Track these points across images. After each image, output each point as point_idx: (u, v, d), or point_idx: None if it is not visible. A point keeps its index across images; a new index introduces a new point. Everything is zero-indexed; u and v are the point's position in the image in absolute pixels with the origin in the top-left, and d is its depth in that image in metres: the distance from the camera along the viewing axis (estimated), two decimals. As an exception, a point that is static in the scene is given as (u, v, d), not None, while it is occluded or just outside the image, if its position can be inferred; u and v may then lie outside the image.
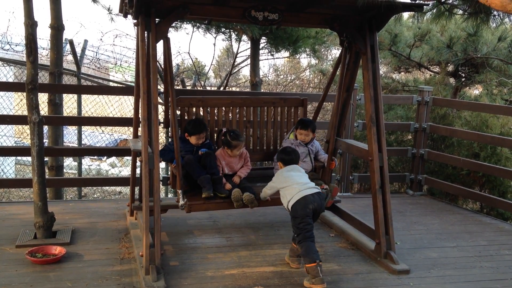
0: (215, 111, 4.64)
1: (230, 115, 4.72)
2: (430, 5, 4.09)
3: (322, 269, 3.51)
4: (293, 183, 3.73)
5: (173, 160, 4.11)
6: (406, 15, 8.70)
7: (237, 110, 4.76)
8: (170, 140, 4.37)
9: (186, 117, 4.53)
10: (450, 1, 4.00)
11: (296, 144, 4.52)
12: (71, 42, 7.16)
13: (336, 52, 12.42)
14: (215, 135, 4.64)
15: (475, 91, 9.48)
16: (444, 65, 8.23)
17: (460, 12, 4.17)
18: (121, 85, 8.60)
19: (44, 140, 4.60)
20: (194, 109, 4.57)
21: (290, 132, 4.76)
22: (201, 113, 4.59)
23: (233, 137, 4.32)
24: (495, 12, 3.83)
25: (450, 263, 4.16)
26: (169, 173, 4.37)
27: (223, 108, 4.67)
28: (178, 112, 4.55)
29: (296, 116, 4.87)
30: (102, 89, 7.12)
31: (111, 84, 9.22)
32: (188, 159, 4.14)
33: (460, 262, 4.21)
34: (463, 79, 8.24)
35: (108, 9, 7.12)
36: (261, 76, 7.90)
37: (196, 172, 4.12)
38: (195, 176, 4.12)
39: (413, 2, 3.72)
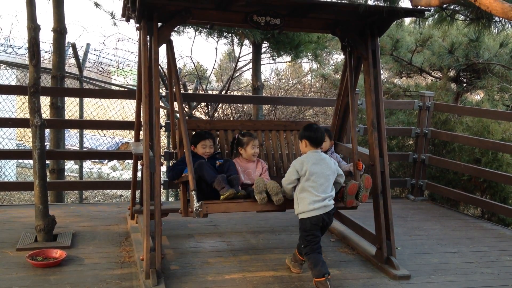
0: (224, 135, 4.45)
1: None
2: (431, 10, 4.10)
3: (331, 282, 3.43)
4: (310, 189, 3.52)
5: (183, 170, 3.86)
6: (407, 20, 8.69)
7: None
8: (174, 160, 4.14)
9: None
10: (452, 7, 4.01)
11: None
12: (73, 46, 7.19)
13: (337, 57, 12.46)
14: (225, 146, 4.42)
15: (477, 96, 9.48)
16: (446, 70, 8.24)
17: (462, 17, 4.18)
18: (123, 89, 8.63)
19: (46, 143, 4.60)
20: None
21: None
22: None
23: (243, 134, 4.23)
24: (496, 18, 3.84)
25: (451, 269, 4.15)
26: (179, 193, 3.89)
27: (232, 131, 4.48)
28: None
29: None
30: (104, 92, 7.14)
31: (113, 87, 9.25)
32: (200, 162, 3.80)
33: (461, 268, 4.20)
34: (464, 85, 8.24)
35: (111, 14, 7.15)
36: (262, 80, 7.92)
37: (210, 174, 3.72)
38: (209, 179, 3.71)
39: (415, 7, 3.72)
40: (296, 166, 3.59)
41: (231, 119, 9.50)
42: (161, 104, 6.45)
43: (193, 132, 4.30)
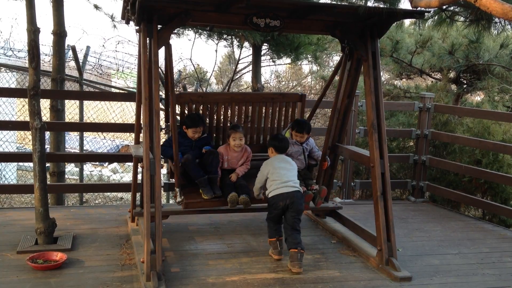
0: (215, 108, 4.65)
1: (229, 111, 4.71)
2: (431, 12, 4.10)
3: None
4: (276, 179, 4.08)
5: (172, 157, 4.24)
6: (407, 22, 8.70)
7: (236, 108, 4.74)
8: (170, 135, 4.42)
9: (186, 115, 4.58)
10: (451, 8, 4.01)
11: (291, 143, 4.60)
12: (73, 48, 7.19)
13: (337, 58, 12.44)
14: (213, 133, 4.72)
15: (477, 97, 9.48)
16: (446, 71, 8.23)
17: (462, 19, 4.18)
18: (123, 91, 8.62)
19: (46, 146, 4.60)
20: (194, 106, 4.58)
21: (286, 129, 4.81)
22: (201, 110, 4.61)
23: (230, 127, 4.56)
24: (496, 19, 3.84)
25: (452, 270, 4.14)
26: (168, 168, 4.50)
27: (223, 104, 4.68)
28: (178, 110, 4.58)
29: (294, 111, 4.90)
30: (104, 95, 7.13)
31: (113, 90, 9.24)
32: (187, 159, 4.25)
33: (462, 269, 4.19)
34: (464, 86, 8.25)
35: (111, 17, 7.15)
36: (262, 82, 7.92)
37: (194, 173, 4.26)
38: (193, 177, 4.27)
39: (414, 9, 3.73)
40: (262, 170, 4.23)
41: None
42: (161, 106, 6.45)
43: (186, 104, 4.56)
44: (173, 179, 4.39)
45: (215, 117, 4.69)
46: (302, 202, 4.15)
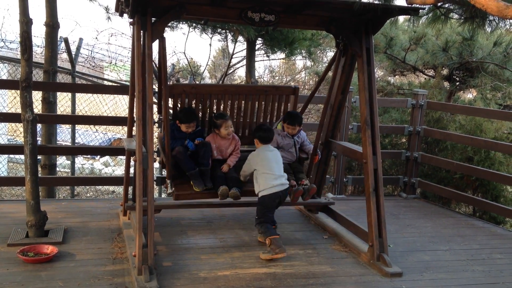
0: (208, 100, 4.64)
1: (222, 103, 4.70)
2: (426, 9, 4.10)
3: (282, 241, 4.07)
4: (267, 171, 4.14)
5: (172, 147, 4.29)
6: (401, 18, 8.68)
7: (229, 100, 4.72)
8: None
9: (178, 106, 4.56)
10: (446, 5, 4.01)
11: (283, 135, 4.69)
12: (66, 40, 7.12)
13: (331, 54, 12.44)
14: (206, 126, 4.71)
15: (469, 95, 9.52)
16: (439, 69, 8.26)
17: (456, 16, 4.18)
18: (115, 84, 8.57)
19: (38, 138, 4.57)
20: (187, 99, 4.56)
21: (278, 122, 4.85)
22: (194, 103, 4.60)
23: (217, 116, 4.52)
24: (490, 17, 3.85)
25: (443, 267, 4.17)
26: (160, 159, 4.47)
27: (216, 96, 4.67)
28: (171, 103, 4.55)
29: (287, 105, 4.90)
30: (97, 87, 7.08)
31: (106, 83, 9.18)
32: (178, 152, 4.28)
33: (453, 265, 4.22)
34: (457, 83, 8.28)
35: (106, 8, 7.11)
36: (256, 77, 7.91)
37: (186, 165, 4.29)
38: (185, 169, 4.31)
39: (409, 5, 3.72)
40: (250, 160, 4.32)
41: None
42: (154, 99, 6.42)
43: (180, 96, 4.51)
44: (165, 170, 4.37)
45: (207, 110, 4.67)
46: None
